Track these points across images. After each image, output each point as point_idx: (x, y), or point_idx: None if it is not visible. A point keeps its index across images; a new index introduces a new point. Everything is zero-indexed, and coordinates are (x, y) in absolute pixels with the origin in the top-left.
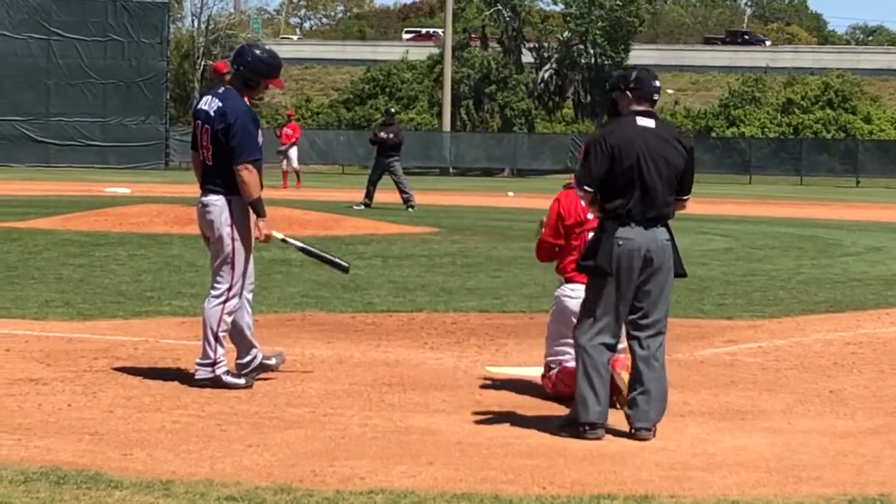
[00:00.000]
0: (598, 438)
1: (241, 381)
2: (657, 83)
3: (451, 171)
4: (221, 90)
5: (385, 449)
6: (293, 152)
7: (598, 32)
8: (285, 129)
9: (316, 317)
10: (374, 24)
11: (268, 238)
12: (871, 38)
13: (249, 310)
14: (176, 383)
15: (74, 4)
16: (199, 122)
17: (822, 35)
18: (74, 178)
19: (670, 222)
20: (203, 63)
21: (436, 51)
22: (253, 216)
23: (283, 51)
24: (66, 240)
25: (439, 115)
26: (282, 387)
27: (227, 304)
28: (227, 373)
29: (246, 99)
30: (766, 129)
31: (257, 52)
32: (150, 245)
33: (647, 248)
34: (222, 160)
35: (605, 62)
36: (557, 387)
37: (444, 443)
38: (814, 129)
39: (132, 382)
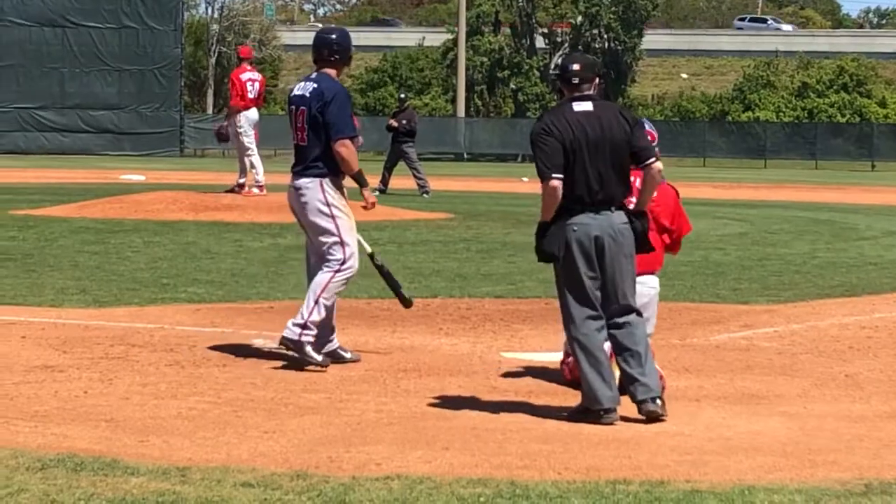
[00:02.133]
0: (613, 422)
1: (319, 357)
2: (575, 66)
3: (465, 156)
4: (314, 75)
5: (401, 435)
6: None
7: (611, 17)
8: None
9: None
10: (388, 10)
11: (374, 205)
12: (884, 21)
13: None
14: (192, 370)
15: None
16: (293, 107)
17: (835, 18)
18: (89, 166)
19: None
20: (217, 50)
21: (449, 37)
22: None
23: (298, 37)
24: (81, 227)
25: (453, 101)
26: (297, 373)
27: (339, 274)
28: (311, 344)
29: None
30: (781, 114)
31: (334, 34)
32: (165, 232)
33: (602, 233)
34: (316, 140)
35: (619, 47)
36: (575, 372)
37: (460, 428)
38: (829, 113)
39: (148, 369)
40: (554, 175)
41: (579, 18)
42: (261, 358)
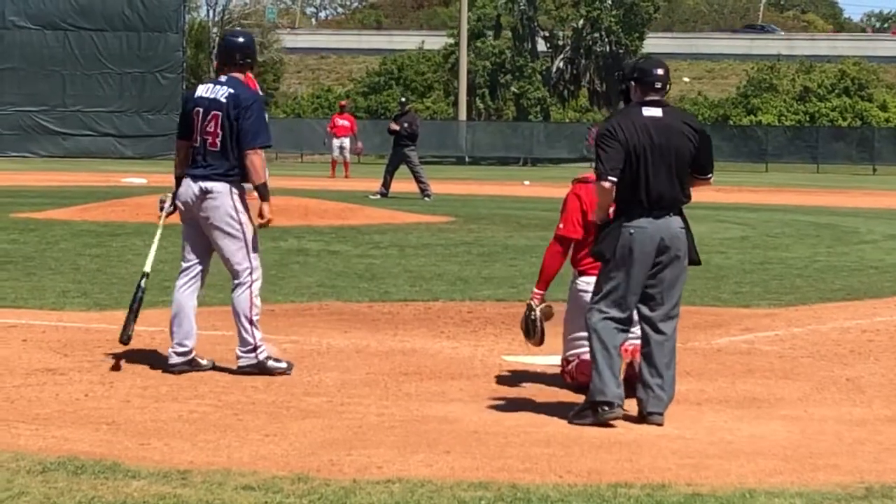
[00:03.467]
0: (616, 418)
1: (283, 364)
2: (660, 71)
3: (466, 160)
4: (224, 79)
5: (402, 438)
6: (346, 143)
7: (612, 20)
8: (338, 119)
9: (333, 306)
10: (390, 13)
11: (270, 222)
12: (886, 25)
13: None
14: (192, 373)
15: None
16: (201, 109)
17: (837, 22)
18: (91, 169)
19: (686, 208)
20: None
21: (451, 41)
22: (255, 202)
23: (299, 41)
24: (82, 230)
25: (455, 104)
26: (298, 376)
27: (254, 286)
28: (269, 358)
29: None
30: (782, 118)
31: (243, 37)
32: (166, 235)
33: (661, 237)
34: (229, 146)
35: (619, 50)
36: (578, 378)
37: (461, 432)
38: (830, 117)
39: (149, 372)
40: (609, 177)
41: (580, 21)
42: None
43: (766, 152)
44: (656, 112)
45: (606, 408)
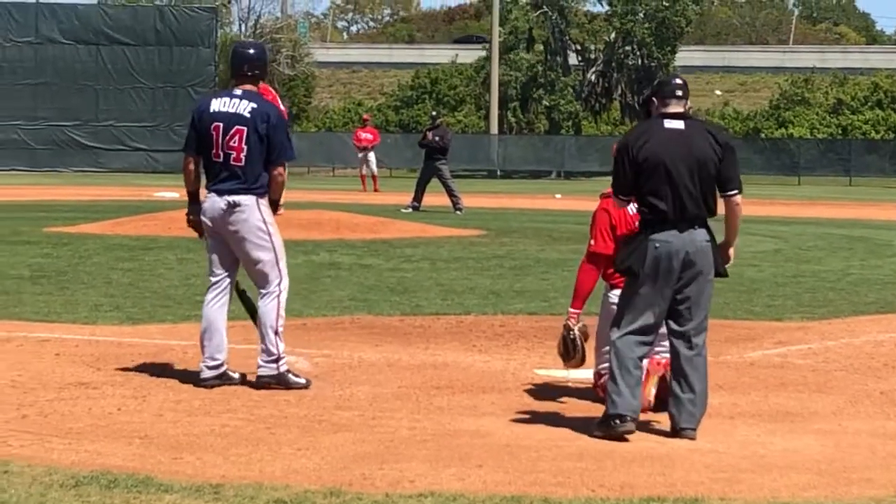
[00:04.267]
0: (628, 432)
1: (302, 380)
2: (678, 80)
3: (498, 173)
4: (239, 92)
5: (434, 452)
6: (371, 157)
7: (644, 33)
8: (362, 132)
9: (364, 320)
10: (422, 27)
11: None
12: None
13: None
14: (225, 387)
15: (123, 10)
16: (221, 124)
17: (870, 35)
18: (123, 183)
19: (711, 222)
20: None
21: (483, 54)
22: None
23: (330, 55)
24: (115, 244)
25: (486, 118)
26: (330, 390)
27: (281, 297)
28: (290, 371)
29: None
30: (815, 130)
31: (252, 48)
32: (198, 249)
33: (686, 251)
34: (254, 160)
35: (651, 63)
36: None
37: (494, 445)
38: (863, 129)
39: (181, 386)
40: (620, 197)
41: (612, 35)
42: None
43: (798, 165)
44: (678, 125)
45: (618, 420)
